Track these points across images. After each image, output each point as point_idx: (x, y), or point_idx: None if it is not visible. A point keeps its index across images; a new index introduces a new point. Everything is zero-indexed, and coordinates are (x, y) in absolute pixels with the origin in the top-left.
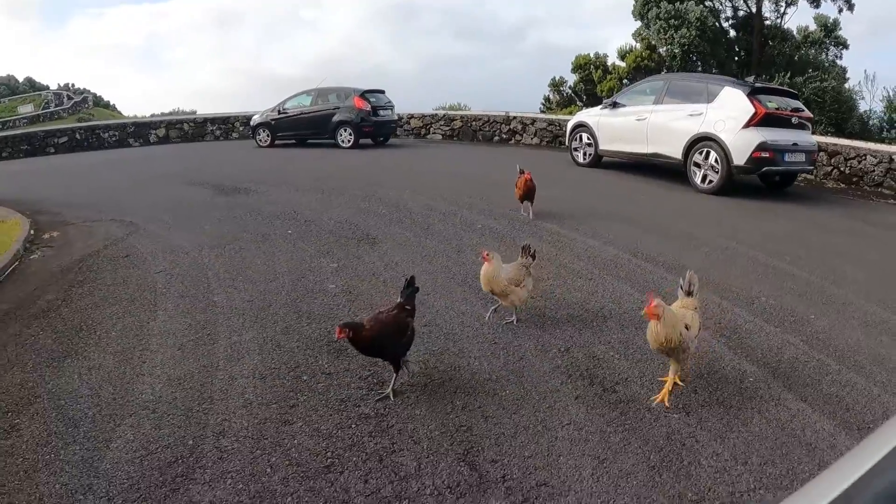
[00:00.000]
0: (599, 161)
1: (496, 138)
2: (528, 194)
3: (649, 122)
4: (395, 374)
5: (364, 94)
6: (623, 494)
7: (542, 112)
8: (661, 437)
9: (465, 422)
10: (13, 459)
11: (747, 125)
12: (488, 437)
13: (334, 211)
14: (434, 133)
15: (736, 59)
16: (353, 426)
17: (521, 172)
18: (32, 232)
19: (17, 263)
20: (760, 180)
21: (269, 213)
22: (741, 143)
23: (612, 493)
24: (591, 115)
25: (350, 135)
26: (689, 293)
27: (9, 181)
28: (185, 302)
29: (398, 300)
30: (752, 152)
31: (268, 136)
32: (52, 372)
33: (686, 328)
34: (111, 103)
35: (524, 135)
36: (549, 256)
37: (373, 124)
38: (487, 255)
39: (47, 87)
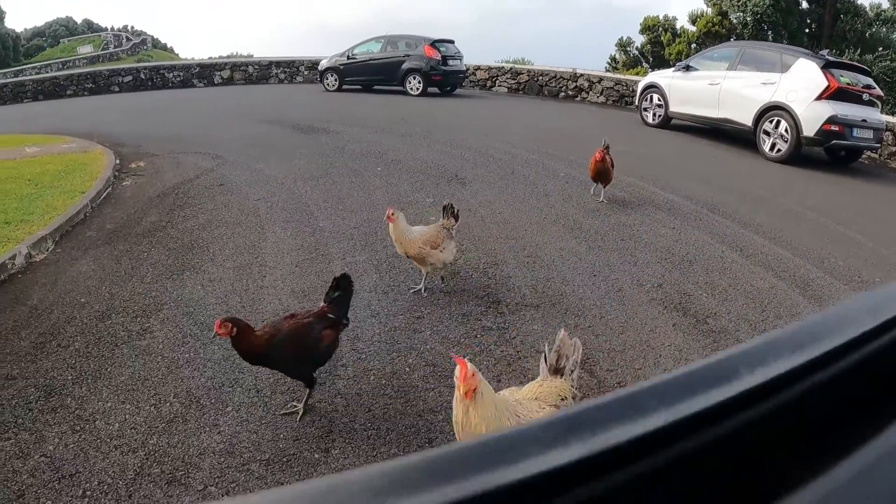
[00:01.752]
0: (668, 122)
1: (562, 94)
2: (601, 175)
3: (722, 88)
4: (308, 390)
5: (434, 44)
6: None
7: (608, 71)
8: None
9: (579, 338)
10: (152, 357)
11: (819, 98)
12: (601, 351)
13: (419, 152)
14: (500, 86)
15: (807, 31)
16: (478, 336)
17: (606, 148)
18: (118, 161)
19: (109, 189)
20: (826, 153)
21: (354, 152)
22: (812, 115)
23: None
24: (663, 77)
25: (419, 83)
26: (556, 370)
27: (81, 117)
28: (292, 226)
29: (321, 304)
30: (822, 125)
31: (336, 80)
32: (174, 284)
33: None
34: (169, 46)
35: (590, 93)
36: (631, 205)
37: (442, 73)
38: (392, 214)
39: (105, 29)
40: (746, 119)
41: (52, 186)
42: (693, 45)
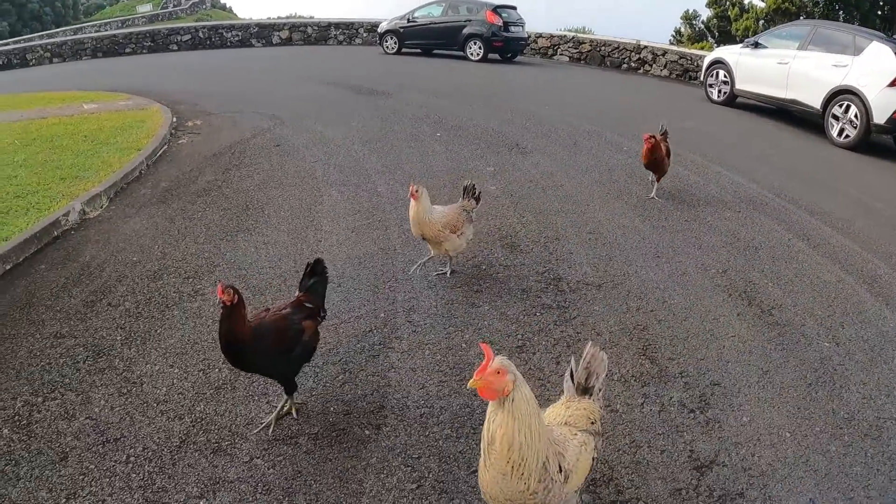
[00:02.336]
0: (734, 100)
1: (624, 66)
2: (654, 165)
3: (791, 68)
4: (286, 397)
5: (496, 9)
6: (785, 402)
7: (673, 44)
8: (815, 361)
9: (641, 322)
10: (202, 321)
11: (892, 84)
12: (663, 337)
13: (478, 119)
14: (561, 55)
15: (879, 13)
16: (538, 314)
17: (663, 134)
18: (175, 119)
19: (165, 147)
20: (894, 142)
21: (413, 116)
22: (883, 102)
23: (776, 400)
24: (730, 53)
25: (479, 48)
26: (584, 390)
27: (140, 74)
28: (349, 190)
29: (296, 293)
30: (894, 113)
31: (395, 43)
32: (227, 245)
33: (560, 472)
34: (228, 5)
35: (654, 65)
36: (696, 185)
37: (503, 39)
38: (416, 191)
39: None
40: (815, 102)
41: (108, 143)
42: (761, 22)
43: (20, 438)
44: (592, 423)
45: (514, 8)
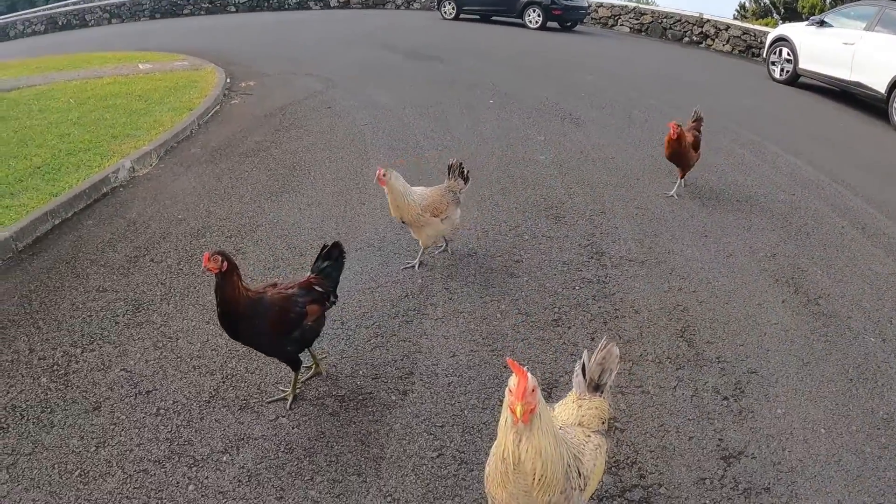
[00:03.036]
0: (796, 79)
1: (685, 39)
2: (675, 158)
3: (856, 49)
4: (294, 374)
5: None
6: (823, 397)
7: (737, 19)
8: (858, 356)
9: (682, 302)
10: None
11: None
12: (703, 319)
13: (533, 88)
14: (622, 25)
15: None
16: (577, 288)
17: (696, 121)
18: (229, 80)
19: (218, 107)
20: None
21: (467, 83)
22: None
23: (814, 394)
24: (794, 30)
25: (538, 16)
26: (596, 387)
27: (196, 35)
28: (397, 154)
29: (308, 274)
30: None
31: (453, 8)
32: (271, 205)
33: (580, 477)
34: None
35: (716, 40)
36: (750, 164)
37: (563, 8)
38: (383, 174)
39: None
40: (879, 86)
41: (161, 102)
42: (828, 0)
43: (57, 387)
44: (603, 422)
45: None
